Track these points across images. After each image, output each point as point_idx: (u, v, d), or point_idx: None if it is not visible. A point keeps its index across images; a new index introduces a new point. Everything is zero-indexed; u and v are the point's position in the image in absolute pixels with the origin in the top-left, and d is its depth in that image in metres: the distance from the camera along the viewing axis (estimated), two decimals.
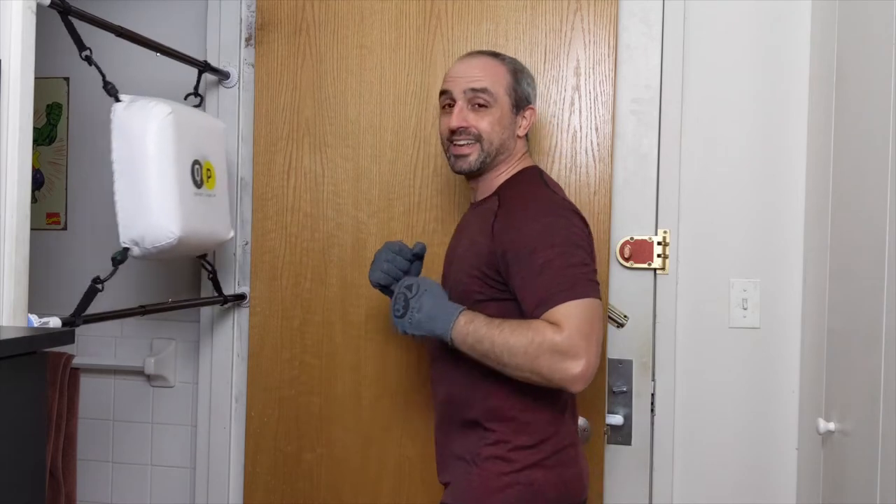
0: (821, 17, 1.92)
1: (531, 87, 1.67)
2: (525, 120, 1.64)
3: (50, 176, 2.39)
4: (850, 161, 1.68)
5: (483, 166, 1.62)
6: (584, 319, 1.40)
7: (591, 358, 1.39)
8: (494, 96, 1.59)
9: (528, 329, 1.42)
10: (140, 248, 1.66)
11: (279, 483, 2.14)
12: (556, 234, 1.47)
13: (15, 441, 1.13)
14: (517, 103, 1.62)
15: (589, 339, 1.39)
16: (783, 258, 2.00)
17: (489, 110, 1.60)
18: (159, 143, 1.65)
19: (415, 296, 1.52)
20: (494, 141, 1.60)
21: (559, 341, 1.38)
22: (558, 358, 1.38)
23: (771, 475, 2.01)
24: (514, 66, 1.65)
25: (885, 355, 1.42)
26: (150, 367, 2.27)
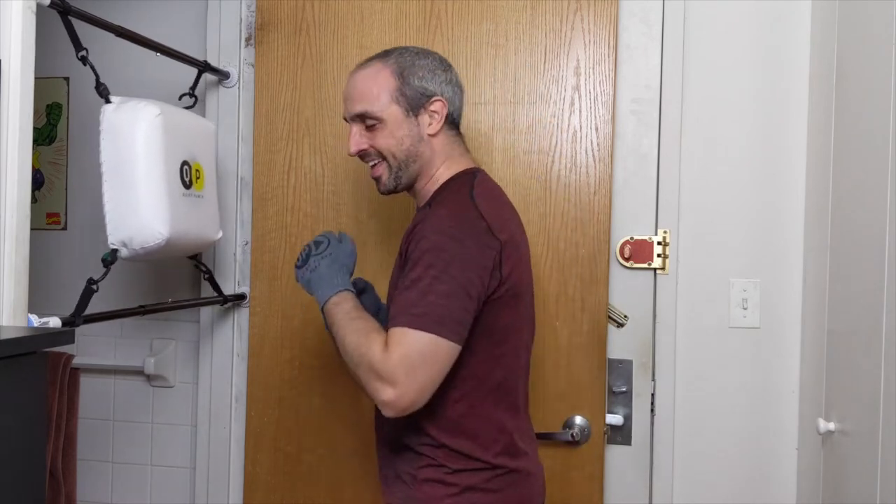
0: (821, 17, 1.92)
1: (431, 77, 1.51)
2: (431, 116, 1.51)
3: (50, 176, 2.39)
4: (850, 161, 1.68)
5: (402, 181, 1.54)
6: (415, 351, 1.33)
7: (406, 390, 1.32)
8: (379, 114, 1.50)
9: (365, 336, 1.39)
10: (128, 249, 1.66)
11: (279, 483, 2.14)
12: (439, 255, 1.37)
13: (15, 441, 1.13)
14: (411, 104, 1.50)
15: (412, 371, 1.33)
16: (783, 258, 2.00)
17: (379, 129, 1.51)
18: (148, 144, 1.65)
19: (318, 254, 1.52)
20: (399, 155, 1.51)
21: (377, 361, 1.34)
22: (373, 376, 1.35)
23: (771, 475, 2.01)
24: (402, 61, 1.51)
25: (885, 355, 1.42)
26: (150, 367, 2.27)
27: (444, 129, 1.54)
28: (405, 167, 1.53)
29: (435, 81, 1.52)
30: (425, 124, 1.52)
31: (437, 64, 1.55)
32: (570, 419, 1.98)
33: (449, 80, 1.54)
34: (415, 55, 1.54)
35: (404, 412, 1.36)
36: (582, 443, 1.98)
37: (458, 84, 1.57)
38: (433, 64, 1.54)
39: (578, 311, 1.99)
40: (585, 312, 1.98)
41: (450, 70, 1.57)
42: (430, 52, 1.58)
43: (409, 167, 1.53)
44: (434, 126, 1.52)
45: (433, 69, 1.53)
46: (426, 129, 1.52)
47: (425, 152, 1.53)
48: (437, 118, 1.52)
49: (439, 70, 1.54)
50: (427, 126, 1.52)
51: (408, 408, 1.36)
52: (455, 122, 1.57)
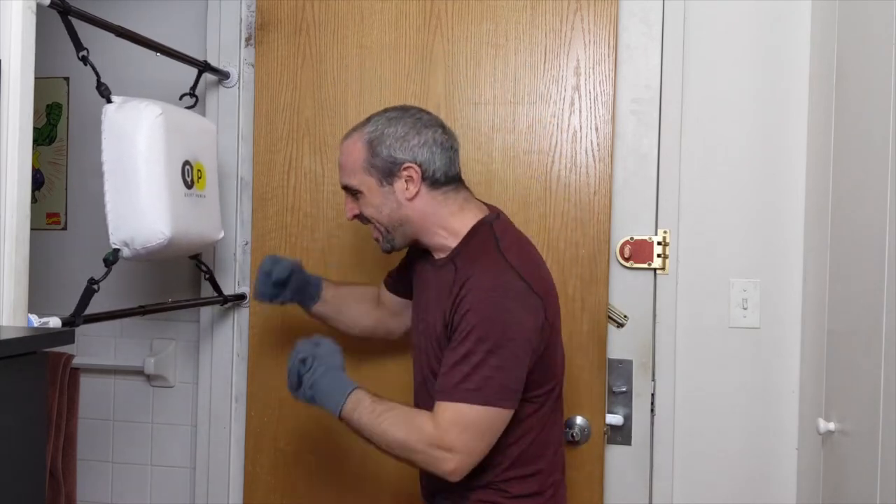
0: (821, 17, 1.92)
1: (400, 145, 1.52)
2: (406, 181, 1.53)
3: (50, 176, 2.39)
4: (850, 161, 1.68)
5: (396, 243, 1.60)
6: (472, 424, 1.41)
7: (468, 459, 1.41)
8: (357, 186, 1.57)
9: (407, 424, 1.45)
10: (130, 248, 1.66)
11: (279, 483, 2.14)
12: (490, 329, 1.42)
13: (15, 441, 1.13)
14: (383, 174, 1.53)
15: (472, 442, 1.41)
16: (783, 258, 2.00)
17: (361, 198, 1.58)
18: (150, 144, 1.65)
19: (308, 371, 1.53)
20: (382, 221, 1.57)
21: (435, 438, 1.41)
22: (434, 450, 1.42)
23: (771, 475, 2.01)
24: (373, 132, 1.55)
25: (885, 355, 1.42)
26: (150, 367, 2.27)
27: (426, 191, 1.55)
28: (394, 230, 1.58)
29: (404, 148, 1.53)
30: (401, 190, 1.54)
31: (407, 128, 1.54)
32: (570, 419, 1.98)
33: (423, 142, 1.53)
34: (387, 122, 1.55)
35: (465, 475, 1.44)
36: (582, 443, 1.98)
37: (437, 143, 1.55)
38: (403, 129, 1.54)
39: (578, 311, 1.99)
40: (585, 312, 1.98)
41: (425, 131, 1.55)
42: (407, 114, 1.57)
43: (398, 230, 1.58)
44: (411, 191, 1.54)
45: (402, 136, 1.53)
46: (402, 194, 1.54)
47: (413, 216, 1.56)
48: (413, 182, 1.53)
49: (411, 134, 1.53)
50: (403, 192, 1.54)
51: (467, 470, 1.44)
52: (439, 181, 1.55)
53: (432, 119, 1.59)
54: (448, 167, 1.56)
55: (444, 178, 1.56)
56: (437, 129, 1.57)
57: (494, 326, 1.42)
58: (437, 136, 1.55)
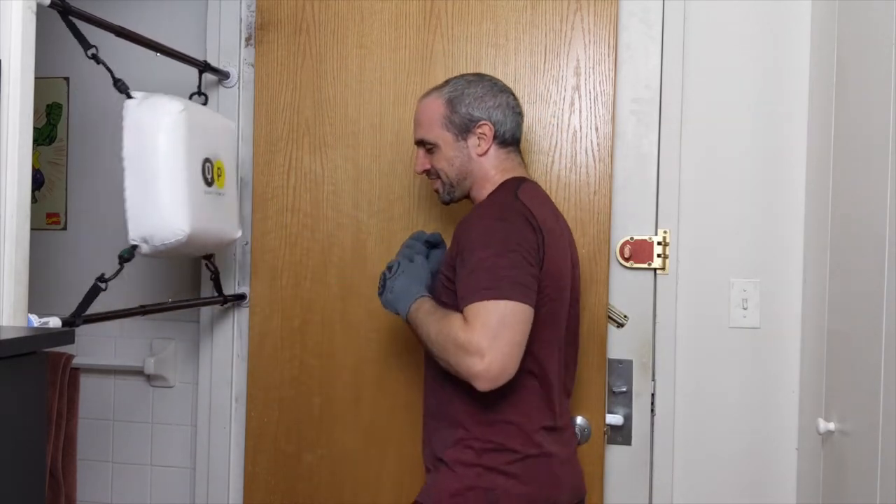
0: (821, 17, 1.92)
1: (478, 104, 1.65)
2: (479, 138, 1.65)
3: (50, 176, 2.39)
4: (850, 161, 1.68)
5: (455, 195, 1.70)
6: (494, 318, 1.42)
7: (495, 356, 1.40)
8: (434, 140, 1.66)
9: (444, 321, 1.48)
10: (149, 245, 1.65)
11: (279, 483, 2.14)
12: (493, 235, 1.50)
13: (15, 441, 1.13)
14: (460, 130, 1.65)
15: (495, 338, 1.41)
16: (783, 258, 2.00)
17: (436, 152, 1.67)
18: (171, 140, 1.65)
19: (392, 276, 1.63)
20: (451, 174, 1.67)
21: (462, 337, 1.42)
22: (462, 353, 1.42)
23: (771, 475, 2.01)
24: (453, 91, 1.66)
25: (885, 355, 1.42)
26: (150, 367, 2.27)
27: (494, 148, 1.67)
28: (458, 183, 1.69)
29: (482, 107, 1.65)
30: (474, 146, 1.65)
31: (485, 90, 1.66)
32: None
33: (497, 104, 1.66)
34: (467, 84, 1.67)
35: (497, 382, 1.42)
36: (582, 443, 1.98)
37: (509, 106, 1.67)
38: (482, 91, 1.66)
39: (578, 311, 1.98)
40: (585, 312, 1.98)
41: (500, 94, 1.67)
42: (484, 79, 1.69)
43: (462, 183, 1.68)
44: (482, 147, 1.65)
45: (481, 96, 1.65)
46: (475, 149, 1.66)
47: (476, 170, 1.67)
48: (486, 139, 1.65)
49: (488, 96, 1.66)
50: (476, 147, 1.65)
51: (499, 375, 1.41)
52: (507, 140, 1.68)
53: (505, 86, 1.71)
54: (515, 129, 1.69)
55: (511, 138, 1.69)
56: (510, 94, 1.69)
57: (495, 234, 1.50)
58: (509, 100, 1.68)
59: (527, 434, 1.55)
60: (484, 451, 1.54)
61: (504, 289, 1.44)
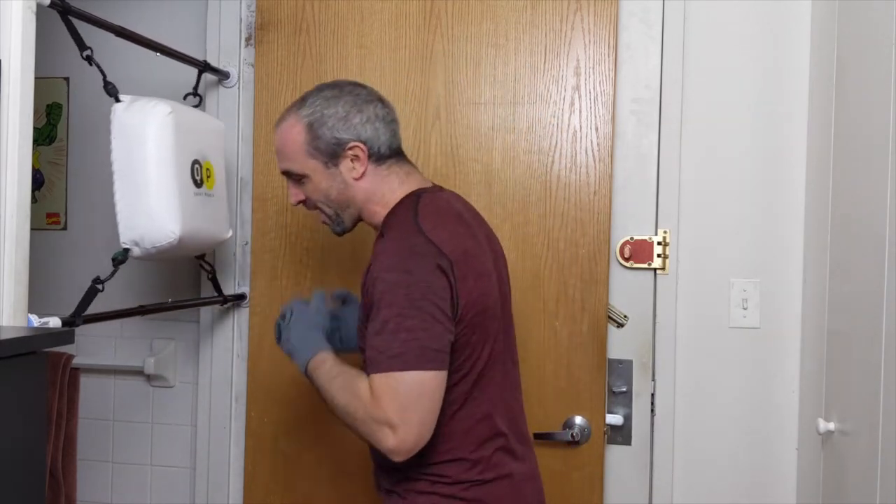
0: (821, 17, 1.92)
1: (343, 125, 1.47)
2: (353, 160, 1.49)
3: (50, 176, 2.39)
4: (850, 161, 1.68)
5: (344, 225, 1.57)
6: (403, 391, 1.33)
7: (408, 431, 1.33)
8: (301, 170, 1.51)
9: (351, 392, 1.39)
10: (140, 248, 1.66)
11: (279, 483, 2.14)
12: (398, 292, 1.36)
13: (15, 441, 1.13)
14: (328, 156, 1.49)
15: (406, 412, 1.33)
16: (783, 258, 2.00)
17: (307, 182, 1.53)
18: (159, 143, 1.65)
19: (286, 326, 1.54)
20: (329, 203, 1.54)
21: (371, 410, 1.35)
22: (374, 426, 1.35)
23: (771, 475, 2.01)
24: (312, 114, 1.49)
25: (885, 355, 1.42)
26: (150, 367, 2.27)
27: (372, 168, 1.51)
28: (341, 212, 1.55)
29: (348, 127, 1.48)
30: (348, 170, 1.50)
31: (348, 107, 1.49)
32: (570, 419, 1.98)
33: (367, 118, 1.50)
34: (325, 102, 1.50)
35: (411, 453, 1.36)
36: (582, 443, 1.98)
37: (379, 117, 1.51)
38: (345, 108, 1.49)
39: (578, 311, 1.99)
40: (585, 312, 1.98)
41: (366, 107, 1.50)
42: (344, 92, 1.52)
43: (345, 211, 1.55)
44: (358, 170, 1.50)
45: (345, 115, 1.48)
46: (350, 174, 1.50)
47: (357, 195, 1.52)
48: (360, 161, 1.50)
49: (353, 112, 1.49)
50: (350, 171, 1.50)
51: (412, 449, 1.35)
52: (384, 155, 1.52)
53: (370, 93, 1.54)
54: (391, 140, 1.53)
55: (389, 151, 1.53)
56: (377, 103, 1.53)
57: (399, 290, 1.36)
58: (378, 110, 1.51)
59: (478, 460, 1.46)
60: (438, 482, 1.45)
61: (410, 358, 1.33)
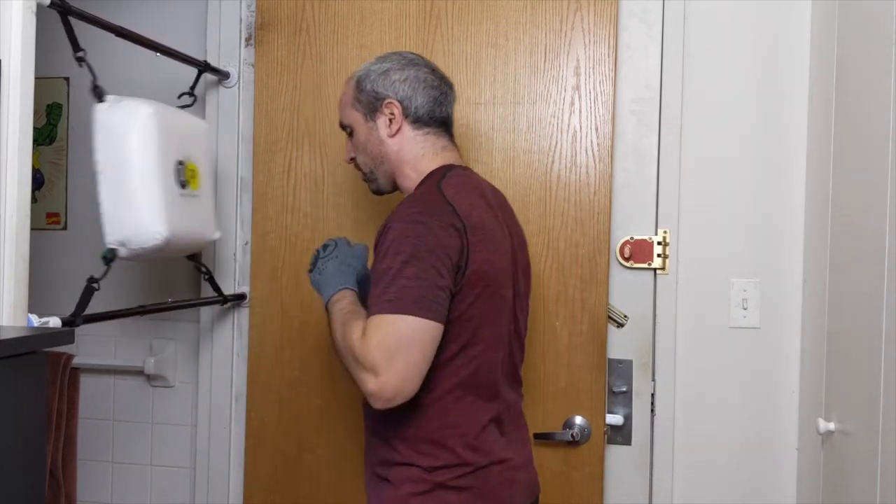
0: (821, 17, 1.92)
1: (382, 80, 1.54)
2: (386, 117, 1.54)
3: (50, 176, 2.39)
4: (850, 161, 1.68)
5: (380, 184, 1.61)
6: (393, 336, 1.32)
7: (389, 377, 1.31)
8: (347, 122, 1.59)
9: (348, 326, 1.40)
10: (127, 248, 1.65)
11: (279, 483, 2.14)
12: (403, 241, 1.38)
13: (15, 441, 1.13)
14: (368, 109, 1.56)
15: (392, 357, 1.32)
16: (783, 258, 2.00)
17: (353, 137, 1.60)
18: (142, 144, 1.64)
19: (325, 257, 1.56)
20: (367, 161, 1.59)
21: (358, 350, 1.35)
22: (358, 367, 1.35)
23: (771, 475, 2.01)
24: (362, 70, 1.59)
25: (885, 355, 1.42)
26: (150, 367, 2.27)
27: (408, 129, 1.55)
28: (376, 168, 1.59)
29: (386, 83, 1.54)
30: (384, 126, 1.55)
31: (391, 65, 1.55)
32: (570, 419, 1.98)
33: (405, 78, 1.54)
34: (374, 61, 1.59)
35: (391, 402, 1.34)
36: (582, 443, 1.98)
37: (419, 80, 1.55)
38: (387, 65, 1.56)
39: (578, 311, 1.99)
40: (585, 312, 1.98)
41: (409, 68, 1.55)
42: (394, 55, 1.59)
43: (379, 168, 1.58)
44: (392, 127, 1.54)
45: (385, 71, 1.55)
46: (384, 130, 1.55)
47: (390, 154, 1.56)
48: (395, 119, 1.54)
49: (393, 70, 1.55)
50: (385, 128, 1.55)
51: (393, 397, 1.34)
52: (423, 119, 1.55)
53: (421, 60, 1.59)
54: (433, 107, 1.55)
55: (428, 117, 1.55)
56: (424, 67, 1.57)
57: (408, 240, 1.38)
58: (420, 73, 1.55)
59: (470, 445, 1.45)
60: (431, 468, 1.43)
61: (406, 303, 1.33)
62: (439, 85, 1.58)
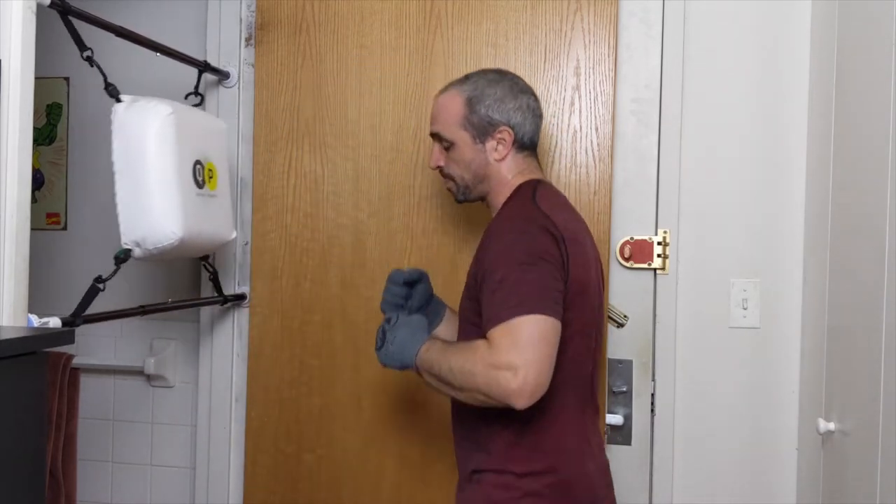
0: (821, 17, 1.92)
1: (498, 106, 1.58)
2: (499, 143, 1.58)
3: (50, 176, 2.39)
4: (850, 161, 1.68)
5: (470, 196, 1.64)
6: (524, 334, 1.35)
7: (529, 371, 1.33)
8: (451, 137, 1.60)
9: (468, 349, 1.41)
10: (142, 248, 1.65)
11: (279, 483, 2.14)
12: (515, 250, 1.43)
13: (15, 441, 1.13)
14: (479, 132, 1.58)
15: (526, 352, 1.34)
16: (783, 258, 2.00)
17: (452, 150, 1.61)
18: (160, 144, 1.65)
19: (392, 327, 1.54)
20: (466, 177, 1.61)
21: (490, 357, 1.35)
22: (494, 373, 1.35)
23: (771, 475, 2.01)
24: (474, 91, 1.59)
25: (885, 355, 1.42)
26: (150, 367, 2.27)
27: (513, 153, 1.60)
28: (473, 186, 1.62)
29: (502, 110, 1.58)
30: (492, 150, 1.59)
31: (506, 91, 1.59)
32: None
33: (518, 106, 1.59)
34: (487, 84, 1.60)
35: (535, 396, 1.35)
36: None
37: (530, 108, 1.61)
38: (503, 92, 1.59)
39: None
40: None
41: (521, 96, 1.60)
42: (505, 78, 1.62)
43: (477, 186, 1.62)
44: (501, 152, 1.59)
45: (502, 98, 1.58)
46: (493, 154, 1.59)
47: (493, 174, 1.60)
48: (505, 145, 1.59)
49: (508, 97, 1.59)
50: (494, 151, 1.59)
51: (535, 390, 1.34)
52: (525, 145, 1.61)
53: (527, 86, 1.64)
54: (534, 133, 1.63)
55: (530, 143, 1.62)
56: (531, 96, 1.63)
57: (517, 250, 1.43)
58: (530, 102, 1.61)
59: (564, 454, 1.49)
60: (523, 475, 1.47)
61: (529, 303, 1.37)
62: (541, 112, 1.65)
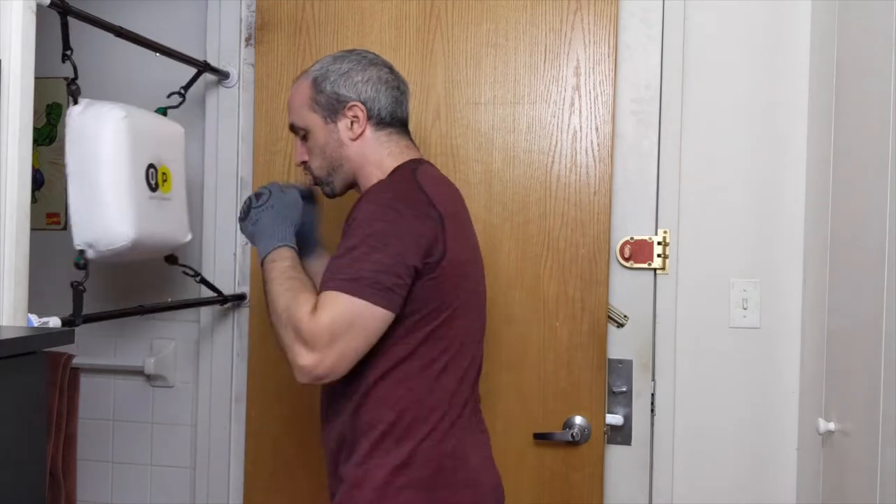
0: (821, 17, 1.92)
1: (344, 81, 1.49)
2: (350, 120, 1.50)
3: (50, 176, 2.39)
4: (849, 161, 1.68)
5: (334, 187, 1.56)
6: (343, 317, 1.31)
7: (327, 356, 1.31)
8: (303, 124, 1.53)
9: (295, 297, 1.36)
10: (94, 250, 1.66)
11: (279, 483, 2.14)
12: (373, 224, 1.36)
13: (15, 441, 1.13)
14: (328, 111, 1.50)
15: (334, 339, 1.31)
16: (783, 258, 2.00)
17: (309, 140, 1.54)
18: (113, 147, 1.64)
19: (258, 207, 1.52)
20: (322, 165, 1.53)
21: (304, 324, 1.32)
22: (297, 340, 1.33)
23: (771, 475, 2.01)
24: (319, 70, 1.52)
25: (885, 355, 1.42)
26: (150, 367, 2.27)
27: (371, 131, 1.52)
28: (331, 173, 1.54)
29: (348, 85, 1.50)
30: (345, 129, 1.51)
31: (353, 64, 1.51)
32: (570, 419, 1.98)
33: (368, 79, 1.51)
34: (332, 61, 1.53)
35: (319, 380, 1.34)
36: (582, 443, 1.98)
37: (382, 80, 1.52)
38: (349, 66, 1.51)
39: (578, 311, 1.99)
40: (585, 312, 1.98)
41: (371, 68, 1.52)
42: (353, 53, 1.55)
43: (336, 173, 1.54)
44: (356, 130, 1.51)
45: (347, 72, 1.50)
46: (346, 133, 1.51)
47: (352, 156, 1.52)
48: (359, 122, 1.50)
49: (355, 71, 1.51)
50: (347, 131, 1.51)
51: (324, 376, 1.33)
52: (385, 120, 1.52)
53: (379, 59, 1.55)
54: (394, 107, 1.53)
55: (390, 118, 1.53)
56: (382, 67, 1.54)
57: (378, 223, 1.36)
58: (381, 73, 1.53)
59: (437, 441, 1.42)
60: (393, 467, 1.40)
61: (363, 286, 1.31)
62: (399, 85, 1.55)
